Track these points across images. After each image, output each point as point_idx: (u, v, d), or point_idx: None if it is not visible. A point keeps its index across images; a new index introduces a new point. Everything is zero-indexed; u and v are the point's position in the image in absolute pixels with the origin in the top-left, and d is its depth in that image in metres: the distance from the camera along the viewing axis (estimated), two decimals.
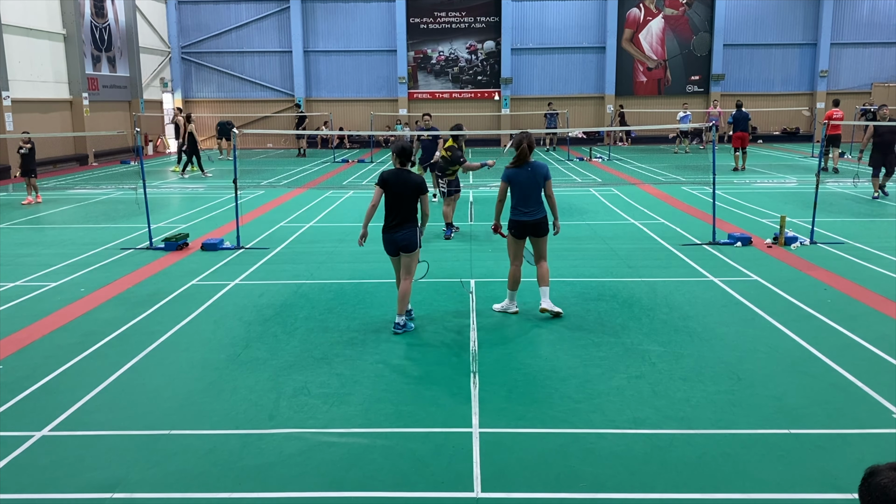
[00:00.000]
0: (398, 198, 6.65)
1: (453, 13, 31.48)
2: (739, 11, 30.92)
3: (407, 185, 6.63)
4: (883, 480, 1.81)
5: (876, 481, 1.82)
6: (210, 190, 17.84)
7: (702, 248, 10.20)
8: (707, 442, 4.57)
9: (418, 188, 6.67)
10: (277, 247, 10.69)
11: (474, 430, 4.78)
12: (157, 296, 8.10)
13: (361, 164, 24.10)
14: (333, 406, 5.17)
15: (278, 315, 7.34)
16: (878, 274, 8.70)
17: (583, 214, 13.27)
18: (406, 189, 6.62)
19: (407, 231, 6.66)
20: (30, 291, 8.36)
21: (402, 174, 6.70)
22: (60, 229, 12.49)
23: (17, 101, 21.29)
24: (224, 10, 31.54)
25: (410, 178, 6.68)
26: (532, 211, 7.07)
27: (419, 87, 32.07)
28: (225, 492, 4.08)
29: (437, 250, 10.31)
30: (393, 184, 6.65)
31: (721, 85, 31.31)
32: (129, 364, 6.04)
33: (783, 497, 3.98)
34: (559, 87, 31.73)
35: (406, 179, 6.67)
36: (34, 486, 4.17)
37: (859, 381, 5.48)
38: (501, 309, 7.32)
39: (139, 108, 28.36)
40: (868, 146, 14.92)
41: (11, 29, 21.33)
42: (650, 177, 19.13)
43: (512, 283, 7.26)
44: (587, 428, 4.78)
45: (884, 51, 30.83)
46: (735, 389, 5.37)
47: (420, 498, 4.00)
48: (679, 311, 7.34)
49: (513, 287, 7.26)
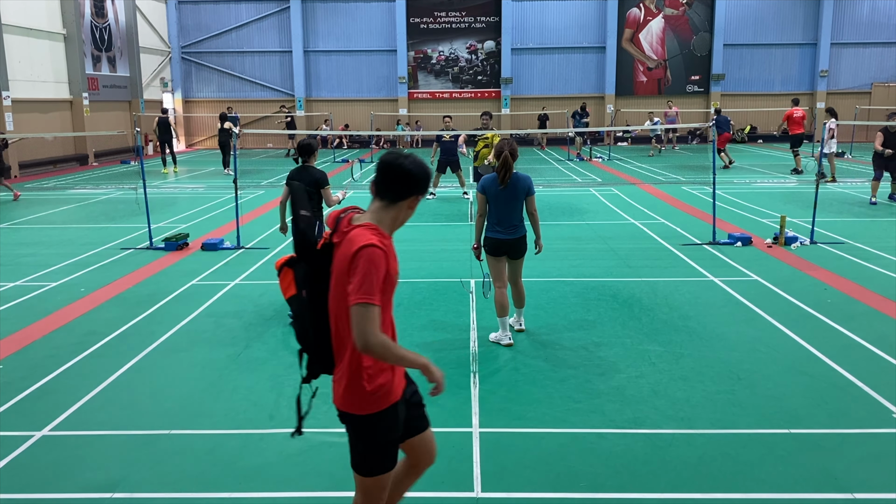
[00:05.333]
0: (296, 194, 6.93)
1: (453, 13, 31.48)
2: (739, 11, 30.92)
3: (307, 180, 7.07)
4: None
5: None
6: (210, 190, 17.84)
7: (702, 248, 10.20)
8: (707, 442, 4.57)
9: (316, 182, 7.11)
10: (277, 247, 10.69)
11: (474, 430, 4.78)
12: (157, 296, 8.10)
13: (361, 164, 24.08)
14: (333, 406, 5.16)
15: (278, 315, 7.34)
16: (878, 274, 8.70)
17: (583, 214, 13.27)
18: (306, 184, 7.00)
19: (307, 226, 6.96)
20: (30, 291, 8.36)
21: (303, 171, 7.18)
22: (60, 229, 12.48)
23: (17, 101, 21.29)
24: (224, 10, 31.55)
25: (310, 174, 7.15)
26: (510, 229, 6.23)
27: (419, 87, 32.07)
28: (225, 492, 4.08)
29: (437, 250, 10.32)
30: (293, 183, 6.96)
31: (721, 85, 31.31)
32: (129, 364, 6.04)
33: (783, 497, 3.98)
34: (559, 87, 31.74)
35: (306, 175, 7.13)
36: (34, 486, 4.17)
37: (859, 381, 5.47)
38: (495, 339, 6.45)
39: (139, 108, 28.36)
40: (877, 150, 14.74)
41: (11, 29, 21.34)
42: (650, 177, 19.13)
43: (499, 310, 6.35)
44: (587, 428, 4.78)
45: (884, 51, 30.83)
46: (735, 389, 5.37)
47: (420, 498, 3.99)
48: (679, 311, 7.34)
49: (501, 314, 6.36)
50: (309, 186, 7.07)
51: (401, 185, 2.79)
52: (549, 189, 16.83)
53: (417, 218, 13.03)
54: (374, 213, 2.83)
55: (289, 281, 2.93)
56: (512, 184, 6.15)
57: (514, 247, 6.31)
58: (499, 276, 6.39)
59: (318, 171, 7.20)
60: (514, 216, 6.26)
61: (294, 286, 2.91)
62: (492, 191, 6.20)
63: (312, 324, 2.87)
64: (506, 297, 6.38)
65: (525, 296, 6.71)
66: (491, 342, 6.46)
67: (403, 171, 2.79)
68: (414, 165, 2.81)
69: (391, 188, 2.80)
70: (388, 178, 2.80)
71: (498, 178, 6.13)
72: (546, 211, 13.27)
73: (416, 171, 2.80)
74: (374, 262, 2.65)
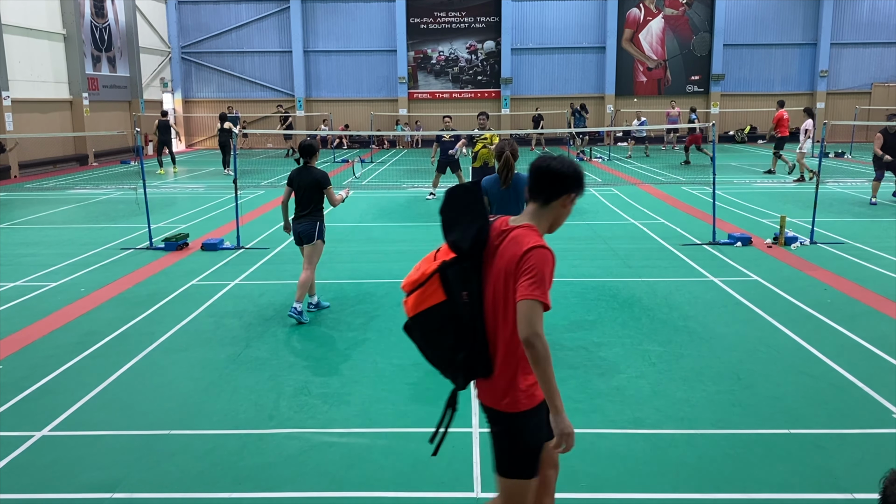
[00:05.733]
0: (299, 192, 7.21)
1: (453, 13, 31.49)
2: (739, 11, 30.92)
3: (308, 180, 7.18)
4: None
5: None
6: (210, 190, 17.84)
7: (702, 248, 10.20)
8: (707, 442, 4.57)
9: (318, 183, 7.16)
10: (277, 247, 10.69)
11: (474, 430, 4.78)
12: (157, 296, 8.10)
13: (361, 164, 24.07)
14: (333, 406, 5.17)
15: (278, 315, 7.34)
16: (878, 274, 8.70)
17: (583, 214, 13.27)
18: (305, 187, 7.16)
19: (308, 223, 7.16)
20: (30, 291, 8.36)
21: (304, 171, 7.23)
22: (60, 229, 12.48)
23: (17, 101, 21.29)
24: (224, 10, 31.55)
25: (311, 174, 7.20)
26: None
27: (419, 87, 32.07)
28: (225, 492, 4.08)
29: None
30: (296, 180, 7.21)
31: (721, 85, 31.32)
32: (129, 364, 6.04)
33: (783, 497, 3.98)
34: (559, 87, 31.74)
35: (307, 176, 7.20)
36: (34, 486, 4.17)
37: (859, 381, 5.47)
38: None
39: (139, 108, 28.36)
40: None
41: (11, 29, 21.33)
42: (650, 177, 19.13)
43: None
44: (587, 428, 4.78)
45: (884, 51, 30.83)
46: (735, 389, 5.37)
47: (420, 498, 4.00)
48: (679, 311, 7.34)
49: None
50: (310, 187, 7.14)
51: (550, 185, 2.84)
52: None
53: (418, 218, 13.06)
54: (531, 215, 2.88)
55: (434, 288, 2.85)
56: (513, 184, 6.11)
57: None
58: None
59: (319, 171, 7.23)
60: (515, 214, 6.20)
61: (442, 292, 2.84)
62: (493, 192, 6.17)
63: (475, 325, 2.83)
64: None
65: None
66: None
67: (551, 172, 2.84)
68: (562, 165, 2.84)
69: (543, 190, 2.85)
70: (538, 180, 2.86)
71: (500, 178, 6.11)
72: None
73: (563, 169, 2.83)
74: (546, 262, 2.71)
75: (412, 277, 2.91)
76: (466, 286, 2.82)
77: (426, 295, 2.86)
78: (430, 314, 2.85)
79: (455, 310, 2.83)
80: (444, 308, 2.83)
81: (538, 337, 2.64)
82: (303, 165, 7.28)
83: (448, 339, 2.85)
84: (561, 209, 2.86)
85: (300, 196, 7.20)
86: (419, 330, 2.91)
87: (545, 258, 2.71)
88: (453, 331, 2.84)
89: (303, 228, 7.17)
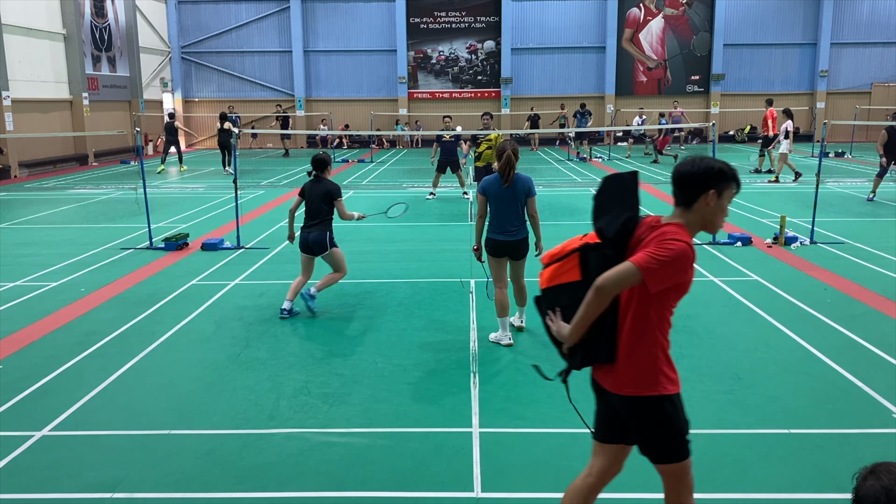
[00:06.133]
0: (310, 202, 7.35)
1: (453, 13, 31.49)
2: (739, 11, 30.93)
3: (319, 191, 7.30)
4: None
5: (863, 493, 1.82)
6: (210, 190, 17.84)
7: (702, 248, 10.19)
8: (707, 442, 4.57)
9: (329, 194, 7.27)
10: (277, 247, 10.69)
11: (474, 430, 4.78)
12: (157, 296, 8.10)
13: (361, 164, 24.10)
14: (333, 406, 5.17)
15: (278, 315, 7.34)
16: (878, 274, 8.70)
17: (583, 214, 13.27)
18: (315, 197, 7.28)
19: (318, 232, 7.27)
20: (30, 291, 8.36)
21: (316, 182, 7.36)
22: (60, 229, 12.48)
23: (17, 101, 21.29)
24: (224, 10, 31.55)
25: (323, 185, 7.32)
26: (512, 231, 6.24)
27: (419, 87, 32.07)
28: (225, 492, 4.08)
29: (437, 250, 10.31)
30: (308, 191, 7.38)
31: (721, 85, 31.32)
32: (129, 364, 6.04)
33: (783, 497, 3.98)
34: (559, 87, 31.74)
35: (319, 187, 7.33)
36: (34, 486, 4.17)
37: (859, 381, 5.47)
38: (495, 339, 6.45)
39: (139, 108, 28.37)
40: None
41: (11, 29, 21.34)
42: (650, 177, 19.12)
43: (500, 310, 6.36)
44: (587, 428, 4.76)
45: (884, 51, 30.83)
46: (735, 389, 5.37)
47: (420, 498, 4.00)
48: (679, 311, 7.25)
49: (501, 314, 6.37)
50: (322, 197, 7.25)
51: (687, 189, 2.87)
52: (548, 189, 16.83)
53: (417, 218, 13.06)
54: (680, 215, 2.92)
55: (572, 265, 2.92)
56: (513, 184, 6.16)
57: (515, 248, 6.31)
58: (499, 276, 6.41)
59: (331, 183, 7.34)
60: (515, 218, 6.26)
61: (579, 272, 2.90)
62: (493, 191, 6.22)
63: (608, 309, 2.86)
64: (506, 297, 6.39)
65: (527, 294, 6.70)
66: (491, 342, 6.46)
67: (681, 177, 2.87)
68: (691, 167, 2.87)
69: (681, 194, 2.89)
70: (675, 186, 2.91)
71: (501, 177, 6.15)
72: (546, 211, 13.26)
73: (693, 171, 2.86)
74: (677, 255, 2.75)
75: (553, 251, 3.00)
76: (604, 271, 2.85)
77: (562, 271, 2.94)
78: (561, 290, 2.94)
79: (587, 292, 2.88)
80: (578, 288, 2.88)
81: (599, 293, 2.72)
82: (315, 177, 7.38)
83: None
84: (706, 208, 2.88)
85: (310, 206, 7.28)
86: (546, 303, 2.99)
87: (680, 252, 2.74)
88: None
89: (313, 238, 7.23)
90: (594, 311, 2.77)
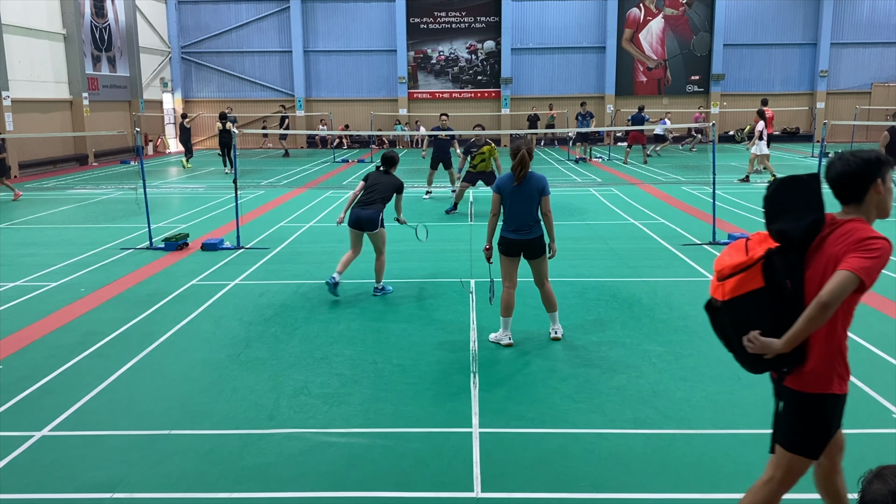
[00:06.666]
0: (373, 186, 7.95)
1: (453, 13, 31.49)
2: (739, 11, 30.93)
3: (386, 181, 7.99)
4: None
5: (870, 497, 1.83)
6: (210, 190, 17.84)
7: (702, 248, 10.20)
8: (707, 442, 4.57)
9: (395, 186, 7.97)
10: (277, 247, 10.69)
11: (474, 430, 4.78)
12: (157, 296, 8.10)
13: (361, 164, 24.10)
14: (333, 406, 5.17)
15: (278, 315, 7.34)
16: None
17: (583, 214, 13.27)
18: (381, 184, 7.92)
19: (373, 211, 7.76)
20: (30, 291, 8.36)
21: (384, 174, 8.08)
22: (60, 229, 12.48)
23: (17, 101, 21.29)
24: (224, 10, 31.55)
25: (391, 178, 8.05)
26: (525, 230, 6.17)
27: (419, 87, 32.08)
28: (225, 492, 4.08)
29: (437, 250, 10.31)
30: (373, 178, 8.07)
31: (721, 85, 31.32)
32: (129, 364, 6.04)
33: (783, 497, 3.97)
34: (559, 87, 31.75)
35: (386, 178, 8.04)
36: (34, 486, 4.17)
37: (859, 381, 5.46)
38: (495, 339, 6.42)
39: (139, 108, 28.37)
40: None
41: (11, 29, 21.34)
42: (650, 177, 19.13)
43: (504, 309, 6.31)
44: (587, 428, 4.78)
45: (884, 51, 30.83)
46: (735, 389, 5.36)
47: (420, 498, 4.00)
48: (679, 311, 7.34)
49: (505, 313, 6.31)
50: (387, 186, 7.93)
51: (851, 187, 2.90)
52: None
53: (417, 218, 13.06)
54: (855, 211, 2.93)
55: (755, 273, 2.91)
56: (526, 182, 6.12)
57: (529, 247, 6.22)
58: (509, 276, 6.33)
59: (398, 179, 8.07)
60: (529, 216, 6.20)
61: (762, 278, 2.90)
62: (506, 189, 6.18)
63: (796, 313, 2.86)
64: (513, 297, 6.34)
65: (555, 298, 6.50)
66: (491, 342, 6.46)
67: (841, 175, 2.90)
68: (847, 165, 2.89)
69: (847, 192, 2.92)
70: (836, 189, 2.94)
71: (514, 175, 6.13)
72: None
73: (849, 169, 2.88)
74: (888, 254, 2.77)
75: (732, 261, 2.97)
76: (791, 275, 2.88)
77: (746, 280, 2.93)
78: (746, 299, 2.92)
79: (775, 297, 2.89)
80: (762, 294, 2.89)
81: (827, 308, 2.71)
82: (384, 171, 8.09)
83: (764, 324, 2.89)
84: (876, 196, 2.90)
85: (372, 192, 7.87)
86: (730, 314, 2.98)
87: (886, 249, 2.76)
88: (772, 317, 2.89)
89: (366, 214, 7.72)
90: (816, 325, 2.78)
